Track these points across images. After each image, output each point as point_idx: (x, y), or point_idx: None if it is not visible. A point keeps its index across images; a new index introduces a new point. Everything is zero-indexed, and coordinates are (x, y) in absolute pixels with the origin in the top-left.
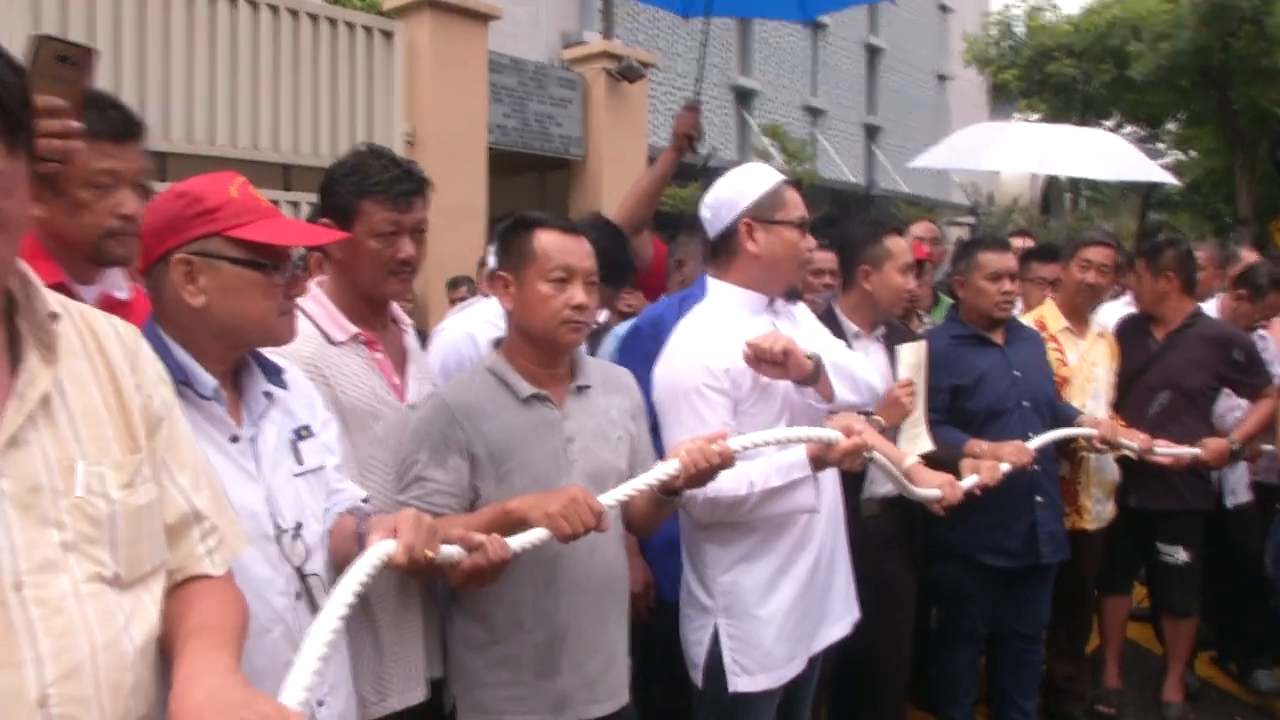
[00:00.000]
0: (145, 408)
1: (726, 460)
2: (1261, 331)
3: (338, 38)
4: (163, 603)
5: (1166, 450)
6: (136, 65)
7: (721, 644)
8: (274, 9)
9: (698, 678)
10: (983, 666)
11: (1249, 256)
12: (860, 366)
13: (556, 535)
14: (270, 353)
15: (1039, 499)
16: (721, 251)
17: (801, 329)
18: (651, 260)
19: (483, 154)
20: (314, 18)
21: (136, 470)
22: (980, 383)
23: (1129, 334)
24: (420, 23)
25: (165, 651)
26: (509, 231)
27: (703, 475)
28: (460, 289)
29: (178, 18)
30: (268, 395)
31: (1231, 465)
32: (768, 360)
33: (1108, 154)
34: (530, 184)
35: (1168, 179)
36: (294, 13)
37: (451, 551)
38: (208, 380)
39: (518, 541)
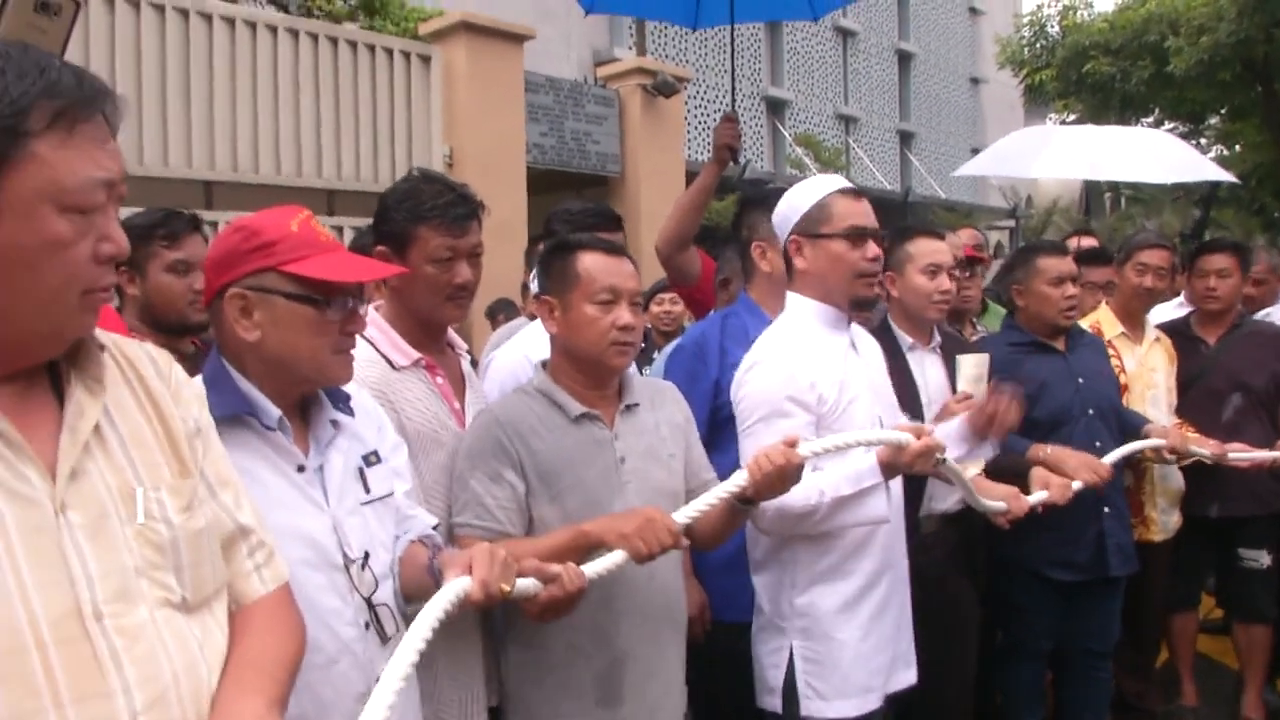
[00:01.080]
0: (187, 430)
1: (791, 461)
2: None
3: (376, 63)
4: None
5: (1245, 455)
6: (182, 95)
7: (796, 666)
8: (314, 37)
9: (774, 703)
10: (1049, 684)
11: None
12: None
13: (633, 556)
14: None
15: (1106, 510)
16: (789, 267)
17: (871, 350)
18: (699, 276)
19: (521, 173)
20: (353, 45)
21: (193, 494)
22: (1043, 391)
23: (1173, 339)
24: (456, 45)
25: None
26: (551, 254)
27: (772, 481)
28: (499, 317)
29: (220, 47)
30: (334, 424)
31: None
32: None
33: (1160, 155)
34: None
35: (1225, 176)
36: (333, 40)
37: (527, 585)
38: (272, 410)
39: (593, 569)
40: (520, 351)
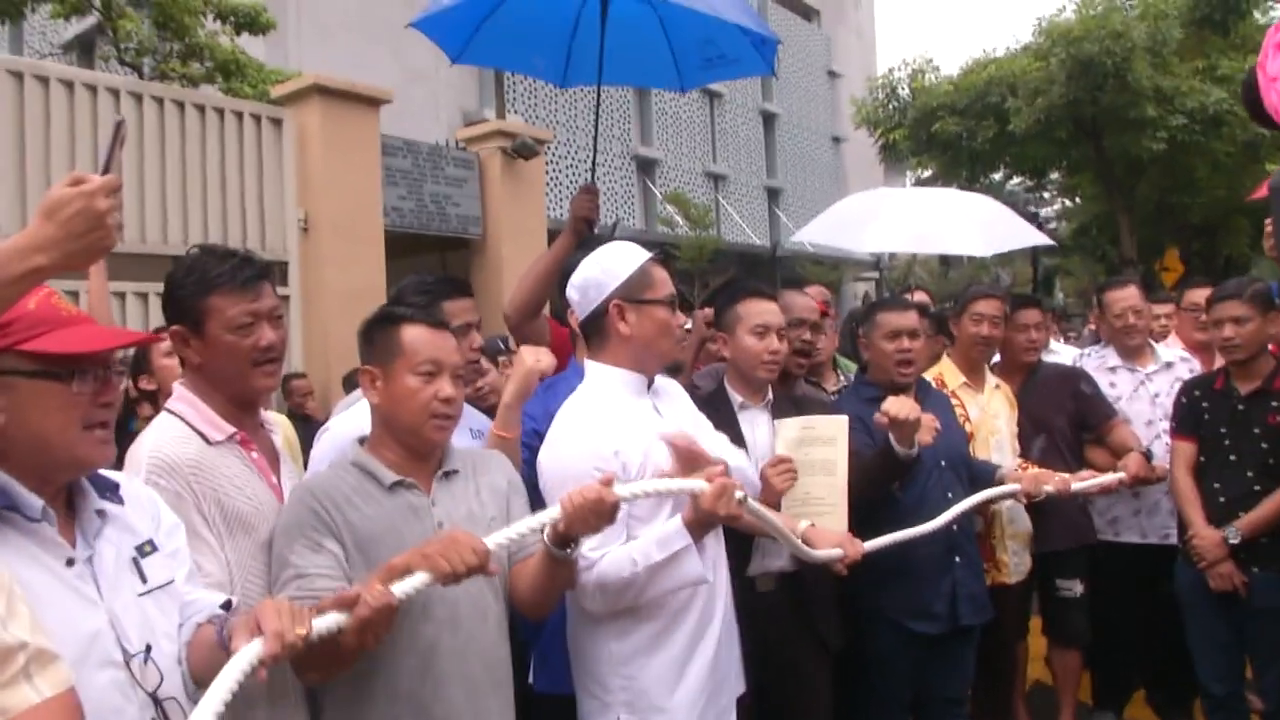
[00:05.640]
0: None
1: (605, 498)
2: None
3: (225, 127)
4: None
5: (1092, 482)
6: (15, 156)
7: None
8: (159, 100)
9: None
10: None
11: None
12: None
13: (437, 576)
14: (150, 455)
15: (958, 559)
16: (593, 333)
17: (677, 407)
18: (549, 345)
19: (379, 237)
20: (200, 108)
21: None
22: None
23: None
24: (310, 109)
25: None
26: (374, 326)
27: (585, 515)
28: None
29: (58, 107)
30: (100, 514)
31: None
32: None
33: (985, 226)
34: (431, 264)
35: (1043, 240)
36: (179, 104)
37: (327, 622)
38: (34, 501)
39: (400, 588)
40: (354, 428)
